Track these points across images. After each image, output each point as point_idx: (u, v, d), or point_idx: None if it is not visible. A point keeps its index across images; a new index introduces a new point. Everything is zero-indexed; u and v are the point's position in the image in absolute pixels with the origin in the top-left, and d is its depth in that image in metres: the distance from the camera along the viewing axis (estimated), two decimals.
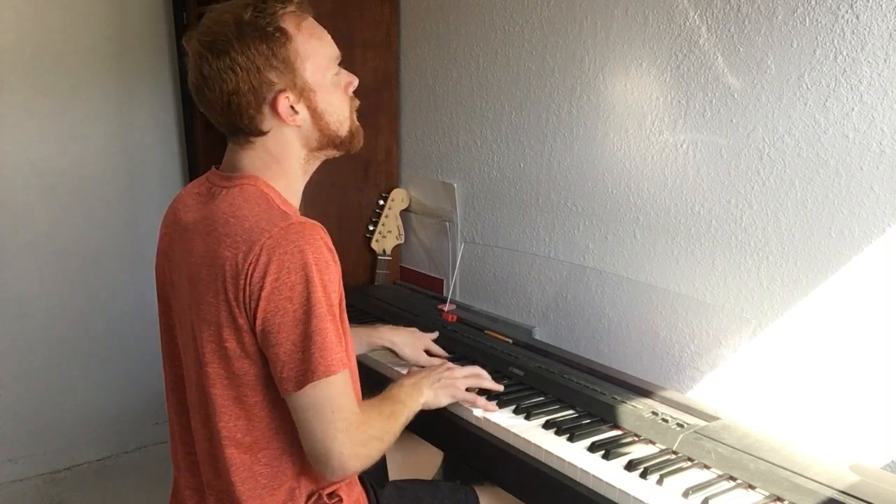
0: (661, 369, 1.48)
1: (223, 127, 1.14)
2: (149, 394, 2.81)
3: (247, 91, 1.07)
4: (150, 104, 2.65)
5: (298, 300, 1.02)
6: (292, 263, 1.01)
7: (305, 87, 1.11)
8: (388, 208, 2.15)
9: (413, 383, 1.28)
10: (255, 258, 1.01)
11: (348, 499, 1.19)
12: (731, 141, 1.41)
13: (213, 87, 1.07)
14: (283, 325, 1.02)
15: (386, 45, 2.12)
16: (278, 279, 1.01)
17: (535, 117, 1.80)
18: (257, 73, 1.06)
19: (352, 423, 1.05)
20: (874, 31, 1.19)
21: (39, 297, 2.55)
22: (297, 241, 1.02)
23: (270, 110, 1.10)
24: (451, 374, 1.34)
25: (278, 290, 1.01)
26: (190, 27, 2.50)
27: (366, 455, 1.08)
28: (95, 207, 2.61)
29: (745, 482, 1.11)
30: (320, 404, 1.04)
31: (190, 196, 1.19)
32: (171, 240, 1.18)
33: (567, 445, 1.23)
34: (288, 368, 1.03)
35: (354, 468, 1.08)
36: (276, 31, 1.06)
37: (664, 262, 1.55)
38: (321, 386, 1.03)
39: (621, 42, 1.58)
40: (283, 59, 1.07)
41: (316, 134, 1.15)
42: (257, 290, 1.01)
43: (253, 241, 1.02)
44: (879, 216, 1.22)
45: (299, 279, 1.02)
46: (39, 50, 2.41)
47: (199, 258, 1.07)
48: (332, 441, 1.04)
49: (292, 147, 1.14)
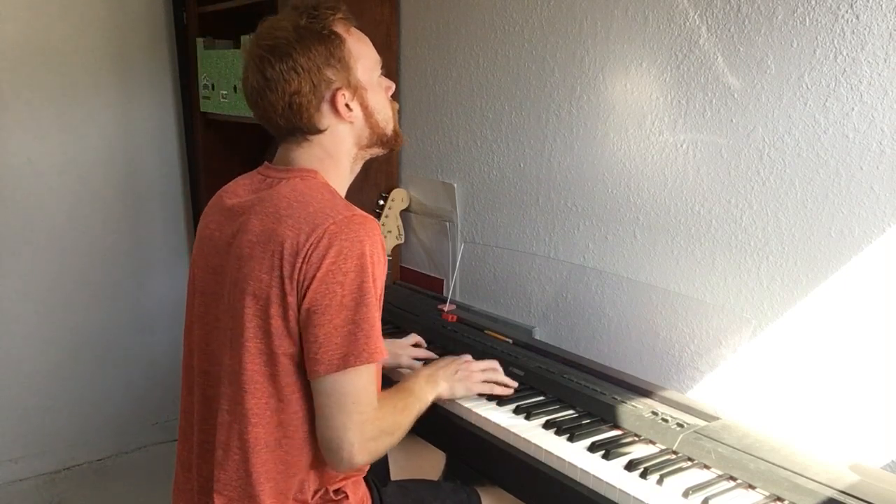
0: (661, 369, 1.48)
1: (281, 128, 1.20)
2: (149, 394, 2.81)
3: (308, 91, 1.15)
4: (150, 104, 2.66)
5: (351, 286, 1.06)
6: (351, 251, 1.06)
7: (358, 86, 1.19)
8: (388, 208, 2.14)
9: (429, 374, 1.31)
10: (316, 240, 1.06)
11: (354, 496, 1.20)
12: (731, 141, 1.41)
13: (275, 88, 1.14)
14: (329, 308, 1.06)
15: (386, 45, 2.12)
16: (335, 263, 1.06)
17: (535, 117, 1.80)
18: (318, 72, 1.15)
19: (367, 417, 1.09)
20: (874, 31, 1.19)
21: (39, 296, 2.55)
22: (358, 232, 1.08)
23: (329, 108, 1.18)
24: (469, 366, 1.38)
25: (332, 274, 1.06)
26: (190, 27, 2.51)
27: (374, 449, 1.11)
28: (95, 207, 2.61)
29: (745, 482, 1.12)
30: (345, 393, 1.07)
31: (240, 186, 1.23)
32: (219, 224, 1.20)
33: (567, 445, 1.23)
34: (325, 351, 1.06)
35: (361, 461, 1.10)
36: (331, 34, 1.16)
37: (664, 262, 1.55)
38: (352, 374, 1.07)
39: (621, 42, 1.58)
40: (340, 58, 1.16)
41: (367, 131, 1.23)
42: (313, 270, 1.06)
43: (317, 224, 1.07)
44: (879, 216, 1.22)
45: (354, 267, 1.06)
46: (39, 50, 2.41)
47: (254, 236, 1.11)
48: (345, 431, 1.07)
49: (345, 144, 1.22)
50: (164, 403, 2.81)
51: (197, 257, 1.24)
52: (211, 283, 1.19)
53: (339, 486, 1.19)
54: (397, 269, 2.25)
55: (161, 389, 2.79)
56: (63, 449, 2.67)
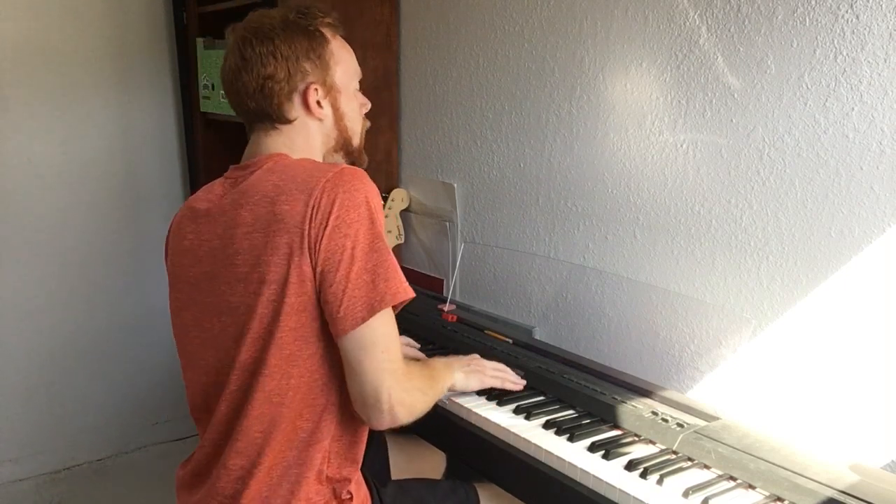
0: (661, 369, 1.48)
1: (250, 112, 1.19)
2: (149, 394, 2.81)
3: (282, 78, 1.15)
4: (150, 104, 2.65)
5: (359, 236, 1.06)
6: (353, 200, 1.06)
7: (333, 87, 1.20)
8: (388, 208, 2.15)
9: (446, 362, 1.33)
10: (316, 201, 1.05)
11: (357, 497, 1.19)
12: (731, 141, 1.41)
13: (251, 69, 1.15)
14: (342, 263, 1.05)
15: (386, 45, 2.12)
16: (339, 217, 1.05)
17: (535, 117, 1.80)
18: (295, 62, 1.15)
19: (399, 367, 1.08)
20: (874, 31, 1.19)
21: (39, 296, 2.55)
22: (353, 181, 1.08)
23: (300, 100, 1.18)
24: (480, 362, 1.41)
25: (338, 229, 1.05)
26: (190, 27, 2.51)
27: (410, 404, 1.10)
28: (95, 207, 2.60)
29: (745, 482, 1.12)
30: (372, 342, 1.05)
31: (209, 192, 1.20)
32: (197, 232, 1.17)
33: (567, 445, 1.23)
34: (347, 305, 1.04)
35: (402, 416, 1.09)
36: (316, 32, 1.18)
37: (664, 262, 1.55)
38: (377, 322, 1.05)
39: (621, 42, 1.58)
40: (320, 55, 1.18)
41: (335, 133, 1.23)
42: (321, 229, 1.05)
43: (312, 187, 1.06)
44: (879, 216, 1.22)
45: (359, 216, 1.06)
46: (39, 50, 2.41)
47: (250, 226, 1.09)
48: (382, 380, 1.05)
49: (314, 140, 1.22)
50: (164, 403, 2.81)
51: (178, 272, 1.20)
52: (203, 293, 1.16)
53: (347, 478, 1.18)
54: None
55: (161, 389, 2.79)
56: (63, 449, 2.67)
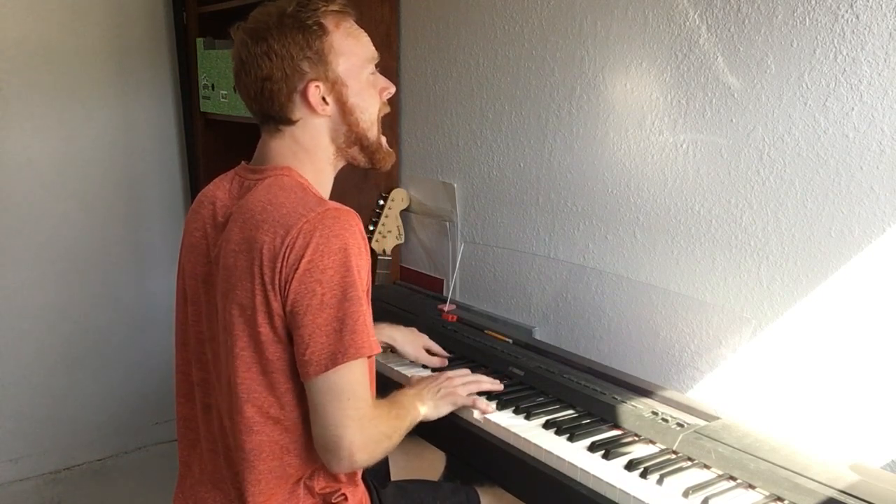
0: (661, 369, 1.48)
1: (256, 114, 1.19)
2: (149, 394, 2.81)
3: (279, 78, 1.13)
4: (150, 104, 2.66)
5: (332, 283, 1.04)
6: (328, 247, 1.04)
7: (337, 81, 1.16)
8: (388, 208, 2.14)
9: (414, 393, 1.29)
10: (292, 241, 1.04)
11: (353, 498, 1.19)
12: (731, 141, 1.41)
13: (249, 71, 1.14)
14: (311, 308, 1.03)
15: (386, 45, 2.12)
16: (312, 261, 1.03)
17: (535, 117, 1.80)
18: (290, 60, 1.12)
19: (365, 414, 1.07)
20: (874, 31, 1.19)
21: (39, 296, 2.55)
22: (333, 226, 1.05)
23: (301, 99, 1.15)
24: (451, 382, 1.35)
25: (310, 273, 1.03)
26: (190, 27, 2.51)
27: (373, 450, 1.09)
28: (95, 207, 2.61)
29: (745, 482, 1.12)
30: (339, 389, 1.05)
31: (220, 189, 1.21)
32: (205, 233, 1.18)
33: (567, 445, 1.23)
34: (312, 351, 1.04)
35: (362, 461, 1.09)
36: (314, 25, 1.13)
37: (664, 262, 1.55)
38: (344, 370, 1.04)
39: (621, 42, 1.58)
40: (317, 50, 1.13)
41: (344, 128, 1.19)
42: (292, 271, 1.03)
43: (290, 225, 1.05)
44: (879, 216, 1.22)
45: (334, 263, 1.04)
46: (39, 50, 2.41)
47: (236, 245, 1.09)
48: (344, 428, 1.05)
49: (321, 139, 1.19)
50: (164, 403, 2.81)
51: (185, 265, 1.22)
52: (201, 293, 1.18)
53: (338, 488, 1.19)
54: (397, 269, 2.25)
55: (161, 389, 2.79)
56: (63, 449, 2.67)
